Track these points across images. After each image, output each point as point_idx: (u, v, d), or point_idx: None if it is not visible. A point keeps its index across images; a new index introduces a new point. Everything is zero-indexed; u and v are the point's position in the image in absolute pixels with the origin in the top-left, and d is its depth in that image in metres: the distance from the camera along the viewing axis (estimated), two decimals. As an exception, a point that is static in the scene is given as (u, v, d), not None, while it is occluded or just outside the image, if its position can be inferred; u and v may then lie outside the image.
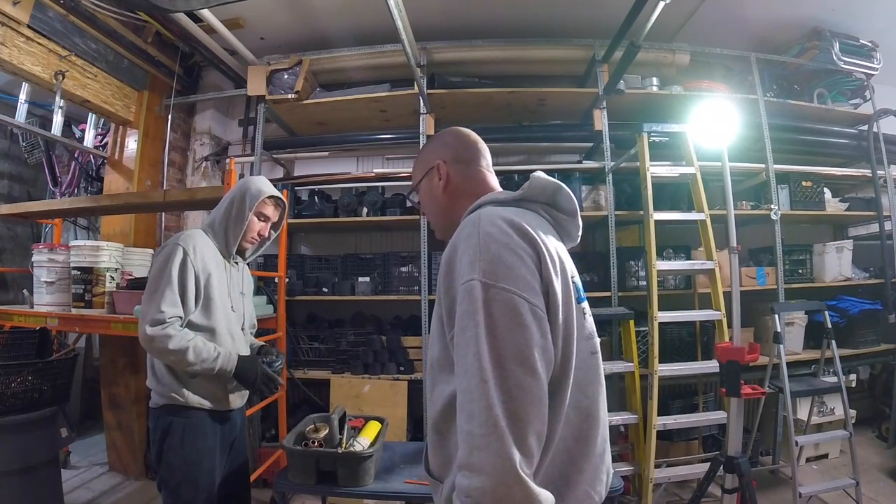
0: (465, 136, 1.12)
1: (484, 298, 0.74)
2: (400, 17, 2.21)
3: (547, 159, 3.83)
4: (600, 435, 0.87)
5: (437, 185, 1.06)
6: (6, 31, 2.53)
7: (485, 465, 0.69)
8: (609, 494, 1.72)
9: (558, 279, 0.81)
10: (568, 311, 0.81)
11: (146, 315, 1.57)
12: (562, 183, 0.96)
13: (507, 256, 0.77)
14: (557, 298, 0.79)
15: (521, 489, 0.68)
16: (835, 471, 3.08)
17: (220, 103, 4.06)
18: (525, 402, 0.71)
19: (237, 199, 1.79)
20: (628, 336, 2.78)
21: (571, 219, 0.97)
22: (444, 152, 1.08)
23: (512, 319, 0.73)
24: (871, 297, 3.45)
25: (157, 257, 1.65)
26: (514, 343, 0.73)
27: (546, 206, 0.96)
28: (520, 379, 0.71)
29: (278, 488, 1.76)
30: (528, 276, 0.77)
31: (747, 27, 3.53)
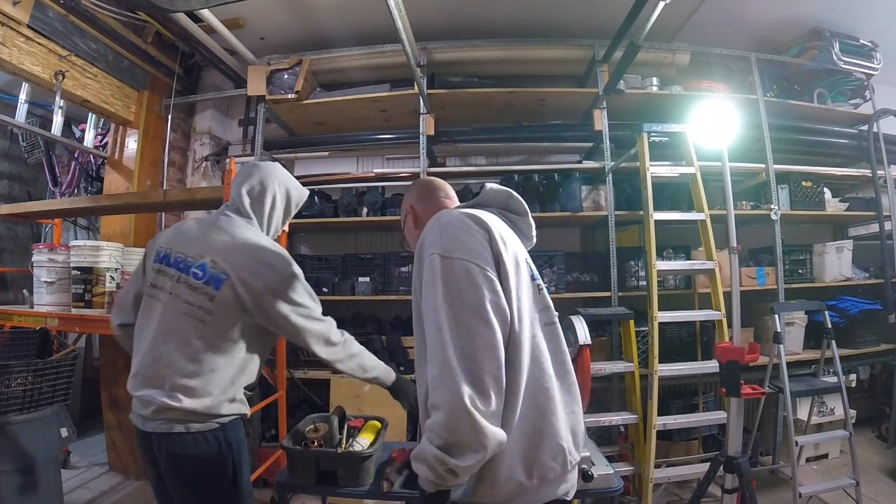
0: (422, 181, 1.41)
1: (442, 267, 0.89)
2: (400, 17, 2.21)
3: (547, 159, 3.83)
4: (558, 395, 0.98)
5: (410, 223, 1.32)
6: (6, 31, 2.53)
7: (440, 400, 0.81)
8: (609, 494, 1.72)
9: (509, 255, 0.96)
10: (519, 282, 0.97)
11: (324, 330, 1.52)
12: (512, 191, 1.17)
13: (461, 234, 0.94)
14: (508, 269, 0.94)
15: (468, 420, 0.79)
16: (835, 471, 3.08)
17: (220, 103, 4.06)
18: (478, 345, 0.84)
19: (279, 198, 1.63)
20: (628, 336, 2.78)
21: (523, 218, 1.18)
22: (410, 198, 1.35)
23: (466, 279, 0.88)
24: (871, 297, 3.45)
25: (292, 275, 1.48)
26: (468, 298, 0.87)
27: (501, 210, 1.16)
28: (473, 326, 0.85)
29: (278, 488, 1.76)
30: (479, 248, 0.92)
31: (747, 27, 3.53)
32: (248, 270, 1.41)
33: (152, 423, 1.37)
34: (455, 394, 0.80)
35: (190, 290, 1.41)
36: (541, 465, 0.92)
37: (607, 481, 1.69)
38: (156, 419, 1.37)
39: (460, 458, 0.80)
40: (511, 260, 0.97)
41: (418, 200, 1.32)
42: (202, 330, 1.39)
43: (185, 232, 1.54)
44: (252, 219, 1.56)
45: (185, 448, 1.36)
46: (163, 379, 1.36)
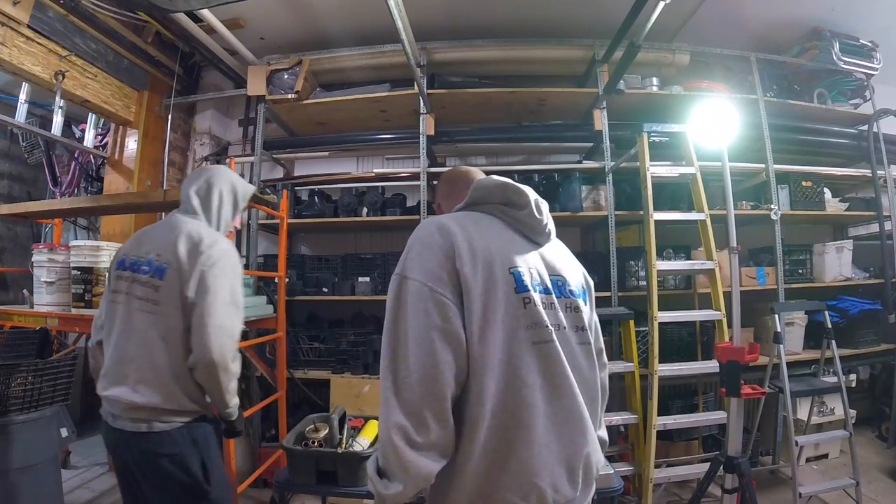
0: (447, 175, 1.31)
1: (398, 289, 0.87)
2: (400, 17, 2.21)
3: (547, 159, 3.83)
4: (541, 425, 0.86)
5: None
6: (6, 31, 2.53)
7: (380, 431, 0.84)
8: (609, 494, 1.72)
9: (476, 268, 0.87)
10: (491, 298, 0.86)
11: (235, 329, 1.47)
12: (509, 181, 1.03)
13: (424, 252, 0.89)
14: (471, 286, 0.85)
15: (392, 450, 0.79)
16: (835, 471, 3.08)
17: (220, 103, 4.06)
18: (417, 377, 0.81)
19: (225, 194, 1.68)
20: (628, 336, 2.78)
21: (526, 211, 1.01)
22: (437, 196, 1.30)
23: (415, 305, 0.84)
24: (871, 297, 3.45)
25: (221, 263, 1.50)
26: (414, 325, 0.83)
27: (501, 206, 1.03)
28: (416, 357, 0.81)
29: (278, 488, 1.76)
30: (436, 268, 0.86)
31: (747, 27, 3.53)
32: (185, 254, 1.47)
33: (121, 422, 1.41)
34: (386, 422, 0.81)
35: (139, 285, 1.49)
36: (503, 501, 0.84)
37: (607, 481, 1.69)
38: (124, 418, 1.41)
39: (387, 485, 0.82)
40: (480, 273, 0.86)
41: (445, 198, 1.26)
42: (155, 322, 1.45)
43: (138, 237, 1.63)
44: (199, 214, 1.62)
45: (151, 446, 1.40)
46: (126, 377, 1.41)
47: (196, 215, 1.61)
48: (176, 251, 1.47)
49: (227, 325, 1.45)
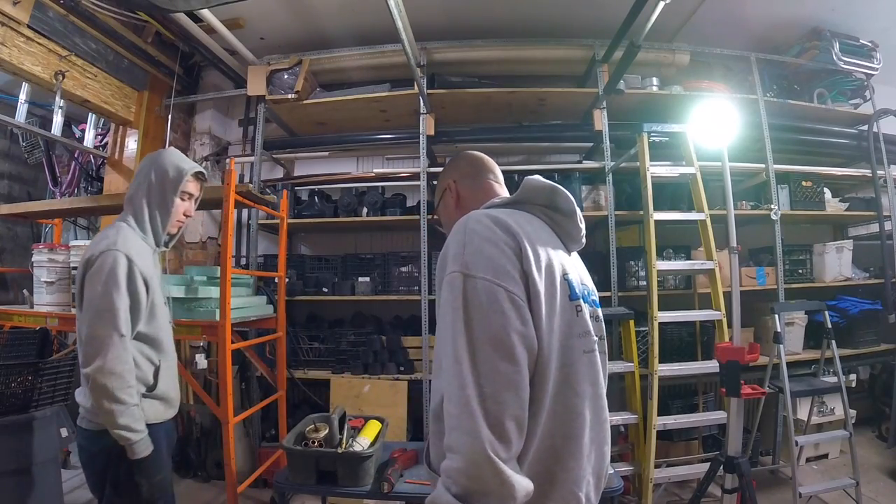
0: (471, 155, 1.20)
1: (463, 287, 0.77)
2: (400, 17, 2.21)
3: (547, 159, 3.83)
4: (587, 435, 0.86)
5: (450, 201, 1.14)
6: (6, 31, 2.53)
7: (459, 444, 0.71)
8: (609, 494, 1.72)
9: (541, 273, 0.82)
10: (552, 305, 0.83)
11: (106, 338, 1.36)
12: (558, 185, 0.99)
13: (488, 248, 0.80)
14: (539, 290, 0.80)
15: (490, 469, 0.69)
16: (835, 471, 3.08)
17: (220, 103, 4.06)
18: (500, 384, 0.73)
19: (154, 182, 1.58)
20: (628, 336, 2.78)
21: (569, 219, 0.98)
22: (454, 173, 1.17)
23: (490, 306, 0.76)
24: (871, 297, 3.45)
25: (98, 270, 1.41)
26: (490, 328, 0.75)
27: (544, 208, 0.99)
28: (495, 362, 0.73)
29: (278, 488, 1.76)
30: (507, 266, 0.79)
31: (747, 27, 3.53)
32: (82, 261, 1.48)
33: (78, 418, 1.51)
34: (475, 439, 0.70)
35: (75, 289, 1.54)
36: None
37: (607, 481, 1.69)
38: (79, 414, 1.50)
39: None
40: (544, 278, 0.83)
41: (464, 177, 1.14)
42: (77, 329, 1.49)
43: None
44: (125, 210, 1.59)
45: (83, 442, 1.48)
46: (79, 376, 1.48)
47: (125, 213, 1.58)
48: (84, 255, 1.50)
49: (96, 336, 1.38)
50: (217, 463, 3.10)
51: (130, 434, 1.39)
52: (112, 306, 1.40)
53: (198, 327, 2.32)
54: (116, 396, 1.36)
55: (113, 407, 1.36)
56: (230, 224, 2.39)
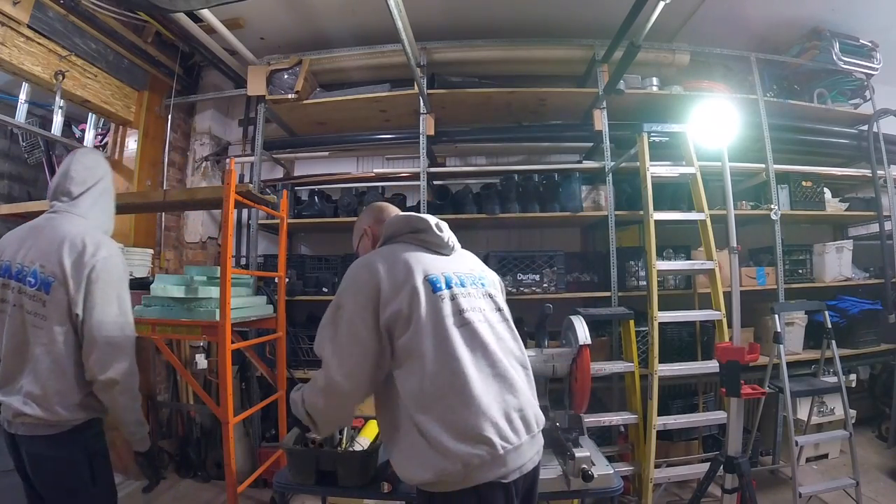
0: (380, 205, 1.58)
1: (330, 314, 1.26)
2: (400, 17, 2.21)
3: (547, 159, 3.83)
4: (476, 387, 1.14)
5: (367, 243, 1.51)
6: (6, 31, 2.53)
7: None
8: (609, 494, 1.72)
9: (404, 287, 1.19)
10: (414, 303, 1.18)
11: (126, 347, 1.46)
12: (411, 213, 1.37)
13: (352, 286, 1.24)
14: (402, 300, 1.18)
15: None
16: (835, 471, 3.08)
17: (220, 103, 4.06)
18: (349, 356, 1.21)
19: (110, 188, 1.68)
20: (628, 336, 2.78)
21: (428, 233, 1.32)
22: (369, 220, 1.54)
23: (343, 325, 1.22)
24: (871, 297, 3.45)
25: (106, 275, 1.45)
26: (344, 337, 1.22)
27: (409, 235, 1.34)
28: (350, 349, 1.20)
29: (278, 488, 1.76)
30: (362, 300, 1.20)
31: (747, 27, 3.53)
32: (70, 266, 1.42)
33: (14, 427, 1.43)
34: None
35: (28, 298, 1.44)
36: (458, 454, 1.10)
37: (607, 481, 1.69)
38: (17, 423, 1.42)
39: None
40: (408, 291, 1.19)
41: (376, 223, 1.49)
42: (43, 338, 1.42)
43: (21, 238, 1.53)
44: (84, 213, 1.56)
45: (41, 449, 1.43)
46: (18, 389, 1.41)
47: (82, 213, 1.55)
48: (61, 262, 1.42)
49: (117, 341, 1.44)
50: (217, 463, 3.10)
51: (145, 428, 1.56)
52: (127, 311, 1.49)
53: (198, 327, 2.32)
54: (138, 395, 1.51)
55: (136, 405, 1.51)
56: (230, 224, 2.39)
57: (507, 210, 3.24)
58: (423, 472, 1.13)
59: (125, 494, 2.99)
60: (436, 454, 1.10)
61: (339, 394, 1.21)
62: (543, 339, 2.15)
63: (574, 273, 3.32)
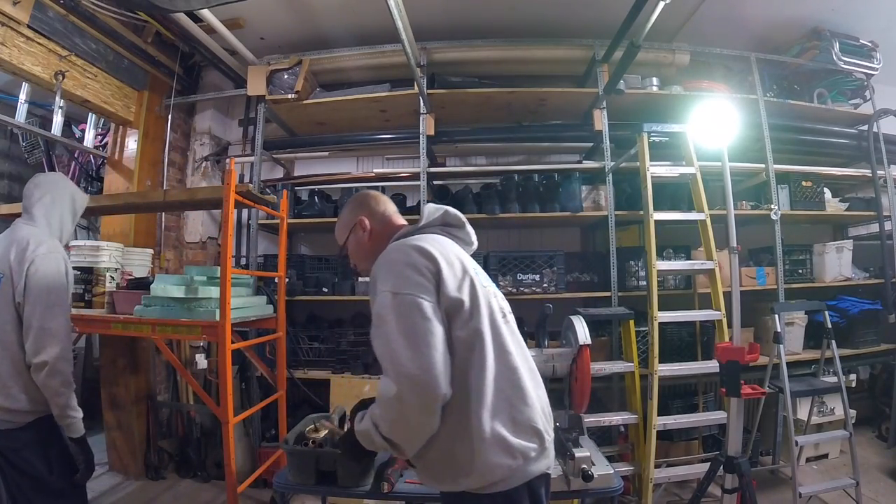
0: (371, 194, 1.46)
1: (392, 302, 1.05)
2: (400, 17, 2.21)
3: (547, 159, 3.83)
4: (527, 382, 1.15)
5: (362, 235, 1.37)
6: (6, 31, 2.53)
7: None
8: (609, 494, 1.72)
9: (464, 277, 1.13)
10: (474, 295, 1.12)
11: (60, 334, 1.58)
12: (443, 206, 1.31)
13: (408, 271, 1.08)
14: (464, 291, 1.11)
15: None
16: (835, 471, 3.08)
17: (220, 103, 4.06)
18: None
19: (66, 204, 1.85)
20: (628, 336, 2.78)
21: (461, 229, 1.31)
22: (361, 211, 1.40)
23: (414, 313, 1.04)
24: (871, 297, 3.46)
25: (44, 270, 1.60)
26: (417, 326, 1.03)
27: (441, 227, 1.29)
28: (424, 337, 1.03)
29: (278, 488, 1.76)
30: (424, 283, 1.07)
31: (747, 27, 3.53)
32: (14, 260, 1.60)
33: None
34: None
35: None
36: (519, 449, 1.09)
37: (607, 481, 1.69)
38: None
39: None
40: (468, 282, 1.13)
41: (372, 214, 1.39)
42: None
43: None
44: (36, 221, 1.75)
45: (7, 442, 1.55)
46: None
47: (34, 222, 1.75)
48: (8, 259, 1.60)
49: (50, 328, 1.55)
50: (217, 463, 3.10)
51: (77, 414, 1.61)
52: (63, 301, 1.62)
53: (198, 327, 2.32)
54: (70, 381, 1.57)
55: (67, 390, 1.56)
56: (230, 224, 2.39)
57: (507, 210, 3.23)
58: (477, 474, 1.06)
59: (125, 494, 2.99)
60: (497, 451, 1.06)
61: (422, 391, 0.99)
62: (543, 339, 2.15)
63: (574, 273, 3.32)
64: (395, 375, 1.00)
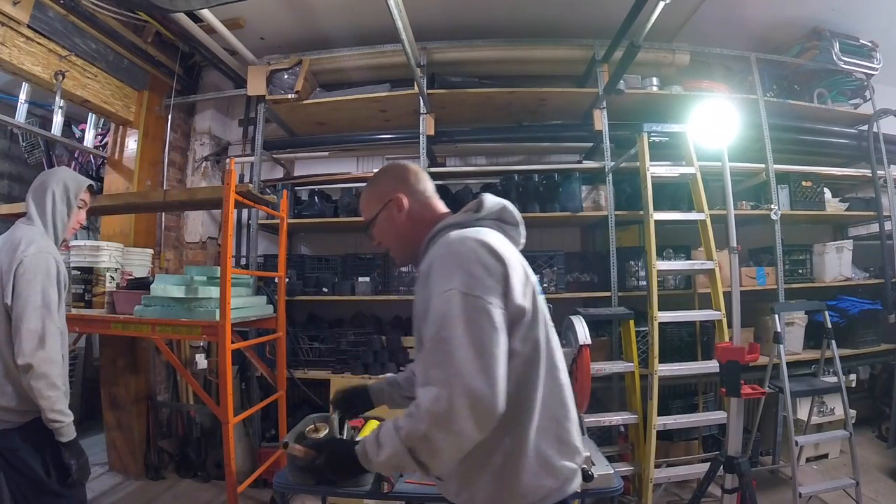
0: (409, 167, 1.26)
1: (462, 303, 0.90)
2: (400, 17, 2.21)
3: (547, 159, 3.83)
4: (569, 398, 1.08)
5: (397, 215, 1.19)
6: (6, 31, 2.53)
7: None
8: (609, 494, 1.72)
9: (527, 282, 1.02)
10: (535, 302, 1.02)
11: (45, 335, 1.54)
12: (502, 200, 1.15)
13: (478, 271, 0.94)
14: (528, 298, 1.00)
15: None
16: (835, 471, 3.08)
17: (220, 103, 4.06)
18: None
19: (58, 193, 1.77)
20: (628, 336, 2.78)
21: (516, 228, 1.15)
22: (398, 185, 1.21)
23: (484, 320, 0.91)
24: (871, 297, 3.45)
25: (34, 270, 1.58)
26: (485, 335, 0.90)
27: (496, 221, 1.12)
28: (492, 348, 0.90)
29: (278, 488, 1.76)
30: (494, 286, 0.95)
31: (747, 27, 3.53)
32: (5, 261, 1.59)
33: None
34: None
35: None
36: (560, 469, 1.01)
37: (607, 481, 1.69)
38: None
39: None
40: (531, 288, 1.03)
41: (413, 192, 1.20)
42: None
43: None
44: (34, 220, 1.72)
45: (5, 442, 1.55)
46: None
47: (31, 221, 1.72)
48: (1, 259, 1.59)
49: (37, 329, 1.53)
50: (217, 463, 3.10)
51: (64, 418, 1.57)
52: (49, 302, 1.58)
53: (198, 327, 2.32)
54: (55, 383, 1.54)
55: (52, 393, 1.52)
56: (230, 224, 2.39)
57: (507, 210, 3.23)
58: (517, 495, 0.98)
59: (125, 494, 2.99)
60: (542, 473, 0.98)
61: (483, 409, 0.86)
62: (543, 339, 2.15)
63: (574, 273, 3.33)
64: (450, 388, 0.86)
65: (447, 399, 0.85)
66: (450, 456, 0.91)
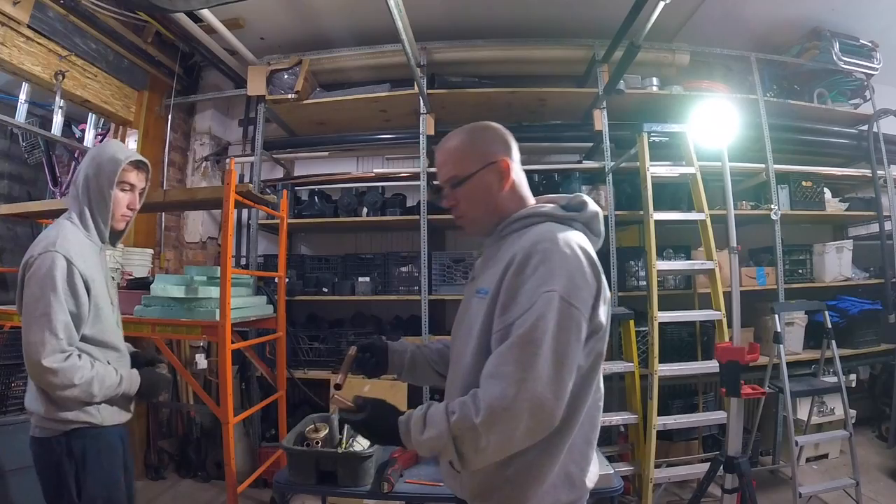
0: (508, 133, 1.12)
1: (560, 309, 0.87)
2: (400, 17, 2.21)
3: (547, 159, 3.83)
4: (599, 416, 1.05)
5: (496, 182, 1.07)
6: (6, 31, 2.53)
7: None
8: (609, 494, 1.73)
9: (608, 298, 1.00)
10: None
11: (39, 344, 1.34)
12: (598, 208, 1.10)
13: (580, 280, 0.92)
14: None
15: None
16: (835, 471, 3.08)
17: (220, 103, 4.06)
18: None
19: (91, 176, 1.50)
20: (628, 336, 2.78)
21: (597, 238, 1.09)
22: (503, 149, 1.09)
23: (574, 331, 0.89)
24: (871, 297, 3.45)
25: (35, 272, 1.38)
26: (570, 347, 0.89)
27: (585, 226, 1.07)
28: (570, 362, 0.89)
29: (278, 488, 1.76)
30: (589, 299, 0.93)
31: (747, 27, 3.53)
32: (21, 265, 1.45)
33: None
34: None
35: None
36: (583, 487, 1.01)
37: (607, 481, 1.69)
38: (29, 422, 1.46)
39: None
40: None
41: (516, 161, 1.10)
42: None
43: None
44: (70, 211, 1.53)
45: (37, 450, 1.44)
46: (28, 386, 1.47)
47: (70, 213, 1.52)
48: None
49: (34, 341, 1.35)
50: (217, 463, 3.10)
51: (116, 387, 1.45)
52: (47, 311, 1.35)
53: (198, 327, 2.32)
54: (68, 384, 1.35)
55: (72, 391, 1.36)
56: (230, 224, 2.39)
57: (507, 210, 3.23)
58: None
59: (125, 494, 2.99)
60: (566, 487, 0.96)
61: (543, 419, 0.85)
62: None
63: (574, 273, 3.32)
64: (518, 389, 0.83)
65: (512, 399, 0.83)
66: (493, 455, 0.88)
